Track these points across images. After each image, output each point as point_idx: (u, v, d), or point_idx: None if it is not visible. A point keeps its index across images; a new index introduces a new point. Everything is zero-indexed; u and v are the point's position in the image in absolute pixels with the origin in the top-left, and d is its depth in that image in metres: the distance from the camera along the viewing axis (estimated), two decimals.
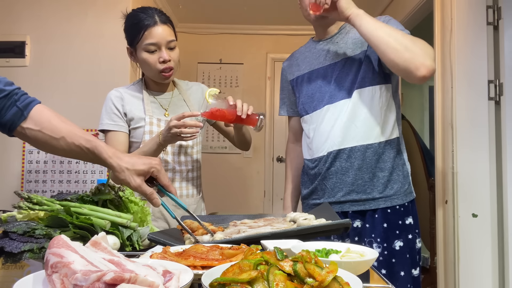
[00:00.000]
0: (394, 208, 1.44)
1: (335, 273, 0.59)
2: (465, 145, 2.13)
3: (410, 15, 3.02)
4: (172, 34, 1.52)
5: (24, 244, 0.90)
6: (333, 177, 1.48)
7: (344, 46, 1.49)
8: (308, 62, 1.58)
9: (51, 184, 2.78)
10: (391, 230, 1.42)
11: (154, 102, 1.60)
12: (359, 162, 1.44)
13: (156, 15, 1.48)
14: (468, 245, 2.09)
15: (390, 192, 1.44)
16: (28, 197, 1.07)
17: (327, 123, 1.48)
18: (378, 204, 1.43)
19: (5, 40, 2.82)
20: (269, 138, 4.48)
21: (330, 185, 1.49)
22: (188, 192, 1.62)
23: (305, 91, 1.57)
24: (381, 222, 1.43)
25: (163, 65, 1.50)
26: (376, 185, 1.44)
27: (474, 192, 2.09)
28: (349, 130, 1.44)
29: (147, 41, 1.47)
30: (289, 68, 1.67)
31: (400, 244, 1.41)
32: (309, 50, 1.61)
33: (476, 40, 2.11)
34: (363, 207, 1.44)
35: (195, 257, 0.79)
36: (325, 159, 1.48)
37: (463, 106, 2.14)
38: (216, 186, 4.15)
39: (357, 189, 1.44)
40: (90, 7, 2.85)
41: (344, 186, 1.46)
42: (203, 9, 4.06)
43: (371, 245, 1.41)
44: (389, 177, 1.45)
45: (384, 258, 1.41)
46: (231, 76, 4.51)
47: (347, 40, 1.50)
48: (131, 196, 1.20)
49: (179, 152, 1.59)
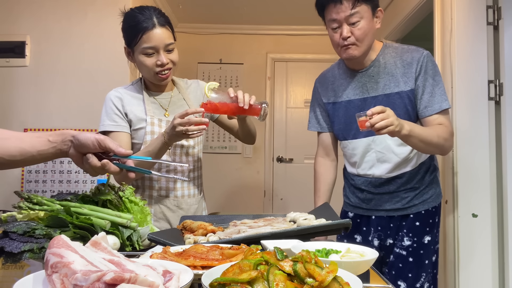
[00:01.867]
0: (427, 210, 1.60)
1: (335, 273, 0.59)
2: (465, 145, 2.13)
3: (410, 15, 3.02)
4: (171, 36, 1.49)
5: (24, 244, 0.90)
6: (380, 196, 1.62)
7: (381, 82, 1.55)
8: (345, 90, 1.63)
9: (51, 184, 2.78)
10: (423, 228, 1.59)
11: (154, 102, 1.60)
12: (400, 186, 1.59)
13: (155, 17, 1.45)
14: (468, 245, 2.09)
15: (427, 197, 1.60)
16: (28, 197, 1.07)
17: (368, 155, 1.61)
18: (418, 208, 1.59)
19: (5, 40, 2.82)
20: (269, 138, 4.48)
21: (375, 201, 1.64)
22: (190, 192, 1.61)
23: (344, 118, 1.65)
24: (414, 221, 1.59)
25: (160, 68, 1.48)
26: (417, 197, 1.60)
27: (474, 192, 2.09)
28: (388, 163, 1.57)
29: (145, 45, 1.44)
30: (324, 91, 1.71)
31: (428, 238, 1.59)
32: (345, 78, 1.65)
33: (476, 40, 2.11)
34: (405, 212, 1.60)
35: (195, 257, 0.79)
36: (371, 181, 1.63)
37: (463, 106, 2.14)
38: (216, 186, 4.15)
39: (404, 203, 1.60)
40: (90, 7, 2.85)
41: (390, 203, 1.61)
42: (203, 9, 4.06)
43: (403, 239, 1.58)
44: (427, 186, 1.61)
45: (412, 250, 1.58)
46: (231, 76, 4.51)
47: (384, 76, 1.55)
48: (131, 196, 1.20)
49: (181, 152, 1.59)
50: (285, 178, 4.44)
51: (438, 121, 1.50)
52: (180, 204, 1.58)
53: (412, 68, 1.51)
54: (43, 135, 0.99)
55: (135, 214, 1.17)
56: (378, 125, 1.27)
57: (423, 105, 1.51)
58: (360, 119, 1.33)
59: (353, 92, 1.61)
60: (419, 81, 1.51)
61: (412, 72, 1.51)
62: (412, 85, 1.52)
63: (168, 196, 1.57)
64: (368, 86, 1.58)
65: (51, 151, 0.98)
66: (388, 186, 1.60)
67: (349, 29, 1.46)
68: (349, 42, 1.48)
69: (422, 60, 1.51)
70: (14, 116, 2.80)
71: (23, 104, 2.80)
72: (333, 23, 1.49)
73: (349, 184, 1.73)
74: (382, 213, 1.62)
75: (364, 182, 1.64)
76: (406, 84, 1.52)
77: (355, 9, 1.44)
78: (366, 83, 1.58)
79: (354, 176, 1.68)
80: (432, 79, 1.51)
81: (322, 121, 1.75)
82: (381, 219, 1.63)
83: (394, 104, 1.52)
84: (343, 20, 1.46)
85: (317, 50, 4.33)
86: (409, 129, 1.35)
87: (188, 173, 1.60)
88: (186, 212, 1.59)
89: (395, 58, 1.55)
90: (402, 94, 1.52)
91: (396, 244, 1.60)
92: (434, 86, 1.51)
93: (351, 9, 1.43)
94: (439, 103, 1.50)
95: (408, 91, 1.52)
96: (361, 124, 1.33)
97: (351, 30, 1.47)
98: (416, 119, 1.55)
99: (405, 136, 1.36)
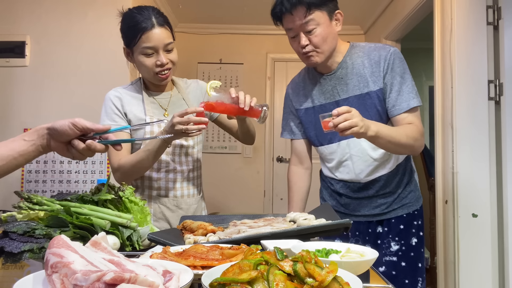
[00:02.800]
0: (408, 213, 1.59)
1: (335, 273, 0.59)
2: (465, 145, 2.13)
3: (410, 15, 3.02)
4: (170, 36, 1.49)
5: (24, 244, 0.90)
6: (359, 201, 1.60)
7: (351, 83, 1.52)
8: (316, 95, 1.60)
9: (51, 184, 2.78)
10: (408, 230, 1.58)
11: (154, 102, 1.60)
12: (379, 189, 1.57)
13: (153, 17, 1.45)
14: (468, 245, 2.09)
15: (406, 201, 1.59)
16: (28, 197, 1.07)
17: (344, 159, 1.58)
18: (397, 213, 1.58)
19: (5, 40, 2.82)
20: (269, 138, 4.48)
21: (354, 205, 1.62)
22: (189, 192, 1.62)
23: (318, 124, 1.58)
24: (398, 225, 1.58)
25: (160, 68, 1.48)
26: (397, 201, 1.58)
27: (474, 192, 2.09)
28: (364, 166, 1.55)
29: (144, 45, 1.44)
30: (296, 97, 1.67)
31: (415, 240, 1.57)
32: (314, 82, 1.61)
33: (476, 40, 2.11)
34: (385, 217, 1.59)
35: (195, 257, 0.79)
36: (349, 185, 1.60)
37: (463, 106, 2.14)
38: (216, 186, 4.15)
39: (383, 208, 1.59)
40: (90, 6, 2.85)
41: (369, 208, 1.60)
42: (203, 9, 4.06)
43: (390, 244, 1.57)
44: (405, 189, 1.59)
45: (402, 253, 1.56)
46: (231, 76, 4.51)
47: (352, 77, 1.52)
48: (131, 196, 1.20)
49: (180, 152, 1.59)
50: (285, 178, 4.41)
51: (407, 120, 1.46)
52: (179, 204, 1.59)
53: (380, 67, 1.47)
54: (17, 137, 0.98)
55: (135, 214, 1.17)
56: (342, 126, 1.23)
57: (391, 104, 1.47)
58: (324, 120, 1.29)
59: (324, 96, 1.57)
60: (386, 79, 1.47)
61: (380, 71, 1.47)
62: (381, 84, 1.48)
63: (168, 195, 1.57)
64: (338, 89, 1.54)
65: (31, 149, 0.97)
66: (366, 190, 1.57)
67: (306, 37, 1.44)
68: (308, 50, 1.45)
69: (389, 58, 1.47)
70: (14, 116, 2.80)
71: (23, 104, 2.80)
72: (290, 32, 1.47)
73: (327, 187, 1.70)
74: (360, 218, 1.60)
75: (343, 186, 1.61)
76: (375, 83, 1.48)
77: (309, 17, 1.40)
78: (335, 86, 1.55)
79: (332, 180, 1.65)
80: (399, 77, 1.47)
81: (294, 127, 1.70)
82: (359, 224, 1.60)
83: (365, 105, 1.49)
84: (298, 29, 1.43)
85: None
86: (376, 130, 1.31)
87: (187, 173, 1.61)
88: (186, 212, 1.59)
89: (363, 57, 1.51)
90: (371, 94, 1.49)
91: (385, 253, 1.56)
92: (402, 84, 1.46)
93: (304, 17, 1.40)
94: (407, 101, 1.46)
95: (377, 90, 1.48)
96: (324, 125, 1.29)
97: (309, 38, 1.43)
98: (387, 119, 1.53)
99: (372, 138, 1.32)
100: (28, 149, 0.97)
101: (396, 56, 1.48)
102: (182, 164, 1.59)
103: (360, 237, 1.62)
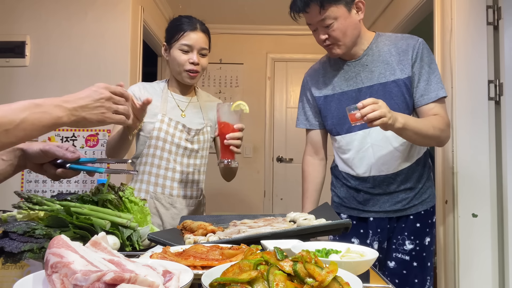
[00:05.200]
0: (426, 210, 1.57)
1: (335, 273, 0.59)
2: (465, 145, 2.13)
3: (410, 15, 3.02)
4: (207, 43, 1.63)
5: (24, 244, 0.89)
6: (379, 197, 1.57)
7: (376, 71, 1.50)
8: (338, 82, 1.57)
9: (51, 184, 2.78)
10: (423, 229, 1.56)
11: (172, 102, 1.65)
12: (400, 184, 1.54)
13: (198, 24, 1.62)
14: (468, 245, 2.09)
15: (425, 196, 1.57)
16: (28, 197, 1.07)
17: (364, 149, 1.54)
18: (417, 209, 1.56)
19: (5, 40, 2.82)
20: (269, 138, 4.48)
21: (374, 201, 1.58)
22: (186, 193, 1.64)
23: (336, 112, 1.58)
24: (415, 223, 1.56)
25: (191, 66, 1.59)
26: (417, 196, 1.56)
27: (474, 192, 2.09)
28: (386, 157, 1.52)
29: (183, 41, 1.58)
30: (315, 85, 1.64)
31: (428, 239, 1.56)
32: (337, 69, 1.58)
33: (476, 40, 2.11)
34: (405, 213, 1.56)
35: (195, 257, 0.79)
36: (367, 179, 1.57)
37: (463, 106, 2.14)
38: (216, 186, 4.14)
39: (402, 202, 1.56)
40: (90, 7, 2.85)
41: (390, 204, 1.56)
42: (203, 9, 4.06)
43: (404, 242, 1.55)
44: (425, 184, 1.58)
45: (415, 253, 1.54)
46: (231, 76, 4.51)
47: (378, 64, 1.50)
48: (131, 196, 1.20)
49: (183, 153, 1.62)
50: (285, 178, 4.44)
51: (434, 111, 1.44)
52: (174, 203, 1.61)
53: (408, 55, 1.46)
54: None
55: (135, 214, 1.17)
56: (371, 116, 1.21)
57: (419, 93, 1.46)
58: (351, 113, 1.26)
59: (346, 83, 1.55)
60: (415, 68, 1.46)
61: (408, 59, 1.46)
62: (409, 72, 1.46)
63: (164, 193, 1.60)
64: (362, 76, 1.52)
65: (9, 169, 1.00)
66: (387, 185, 1.53)
67: (325, 31, 1.45)
68: (328, 43, 1.47)
69: (418, 47, 1.46)
70: None
71: None
72: (310, 26, 1.50)
73: (341, 183, 1.65)
74: (381, 214, 1.56)
75: (361, 182, 1.57)
76: (403, 71, 1.47)
77: (324, 14, 1.41)
78: (359, 73, 1.52)
79: (347, 176, 1.61)
80: (428, 67, 1.46)
81: (311, 117, 1.67)
82: (381, 220, 1.56)
83: (391, 93, 1.47)
84: (316, 24, 1.45)
85: (317, 50, 4.28)
86: (403, 121, 1.29)
87: (186, 174, 1.62)
88: (180, 212, 1.62)
89: (389, 46, 1.50)
90: (399, 82, 1.47)
91: (398, 249, 1.54)
92: (430, 73, 1.45)
93: (320, 14, 1.41)
94: (436, 91, 1.44)
95: (405, 78, 1.46)
96: (351, 117, 1.26)
97: (327, 32, 1.45)
98: (413, 109, 1.51)
99: (399, 130, 1.30)
100: (6, 169, 0.99)
101: (425, 46, 1.48)
102: (182, 165, 1.62)
103: (381, 234, 1.57)
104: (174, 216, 1.60)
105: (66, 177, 1.02)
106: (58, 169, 1.02)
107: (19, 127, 0.78)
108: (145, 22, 3.15)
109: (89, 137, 2.78)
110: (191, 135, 1.63)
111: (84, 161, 1.05)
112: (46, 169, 1.02)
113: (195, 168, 1.65)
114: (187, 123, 1.63)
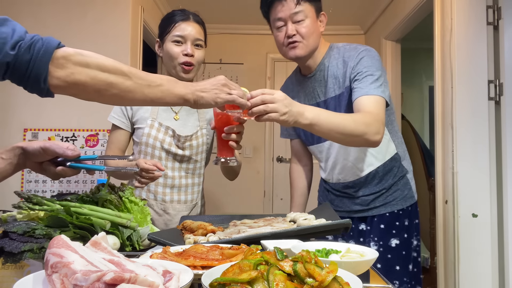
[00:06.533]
0: (392, 212, 1.56)
1: (335, 273, 0.59)
2: (465, 145, 2.13)
3: (410, 15, 3.02)
4: (202, 34, 1.57)
5: (24, 244, 0.89)
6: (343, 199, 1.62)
7: (328, 86, 1.52)
8: (301, 97, 1.62)
9: (51, 184, 2.78)
10: (388, 230, 1.55)
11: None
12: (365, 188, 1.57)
13: (191, 15, 1.56)
14: (468, 245, 2.09)
15: (390, 199, 1.56)
16: (28, 197, 1.07)
17: (332, 158, 1.58)
18: (379, 211, 1.56)
19: None
20: (269, 138, 4.48)
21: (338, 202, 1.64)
22: (180, 198, 1.60)
23: None
24: (378, 224, 1.56)
25: (185, 58, 1.52)
26: (379, 199, 1.57)
27: (474, 192, 2.09)
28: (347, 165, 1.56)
29: (176, 33, 1.52)
30: None
31: (396, 242, 1.53)
32: (299, 84, 1.63)
33: (476, 40, 2.11)
34: (366, 214, 1.58)
35: (195, 257, 0.79)
36: (336, 185, 1.63)
37: (463, 106, 2.14)
38: (216, 186, 4.14)
39: (364, 204, 1.58)
40: (90, 7, 2.85)
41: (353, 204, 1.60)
42: (203, 9, 4.03)
43: (369, 244, 1.54)
44: (391, 188, 1.57)
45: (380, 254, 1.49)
46: (231, 76, 4.51)
47: (329, 79, 1.52)
48: (131, 196, 1.20)
49: (173, 159, 1.58)
50: (285, 178, 4.42)
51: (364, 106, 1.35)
52: (166, 209, 1.58)
53: (348, 66, 1.46)
54: None
55: (135, 214, 1.17)
56: (256, 110, 1.09)
57: (353, 91, 1.43)
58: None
59: (307, 98, 1.59)
60: (352, 75, 1.44)
61: (350, 68, 1.46)
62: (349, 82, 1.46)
63: (156, 199, 1.58)
64: (318, 91, 1.56)
65: (8, 168, 1.00)
66: (348, 189, 1.59)
67: (294, 27, 1.45)
68: (294, 40, 1.46)
69: (357, 56, 1.45)
70: (14, 116, 2.80)
71: (23, 104, 2.80)
72: (278, 21, 1.49)
73: (322, 186, 1.74)
74: (344, 214, 1.60)
75: (331, 185, 1.65)
76: (345, 81, 1.47)
77: (299, 8, 1.44)
78: (316, 88, 1.56)
79: (323, 180, 1.71)
80: (365, 69, 1.42)
81: (289, 128, 1.73)
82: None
83: (341, 105, 1.49)
84: (288, 18, 1.45)
85: None
86: (311, 117, 1.18)
87: (179, 179, 1.59)
88: (173, 218, 1.58)
89: (338, 59, 1.51)
90: (344, 93, 1.48)
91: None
92: (367, 75, 1.41)
93: (295, 6, 1.43)
94: (366, 89, 1.38)
95: (346, 87, 1.47)
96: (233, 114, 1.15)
97: (296, 28, 1.45)
98: None
99: (307, 126, 1.20)
100: (5, 168, 0.99)
101: (366, 54, 1.45)
102: (174, 170, 1.58)
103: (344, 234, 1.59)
104: (167, 222, 1.57)
105: (66, 175, 1.02)
106: (57, 167, 1.01)
107: (158, 87, 0.94)
108: (145, 22, 3.15)
109: (89, 137, 2.78)
110: (181, 142, 1.57)
111: (84, 159, 1.05)
112: (45, 167, 1.01)
113: (188, 172, 1.61)
114: (178, 128, 1.58)
